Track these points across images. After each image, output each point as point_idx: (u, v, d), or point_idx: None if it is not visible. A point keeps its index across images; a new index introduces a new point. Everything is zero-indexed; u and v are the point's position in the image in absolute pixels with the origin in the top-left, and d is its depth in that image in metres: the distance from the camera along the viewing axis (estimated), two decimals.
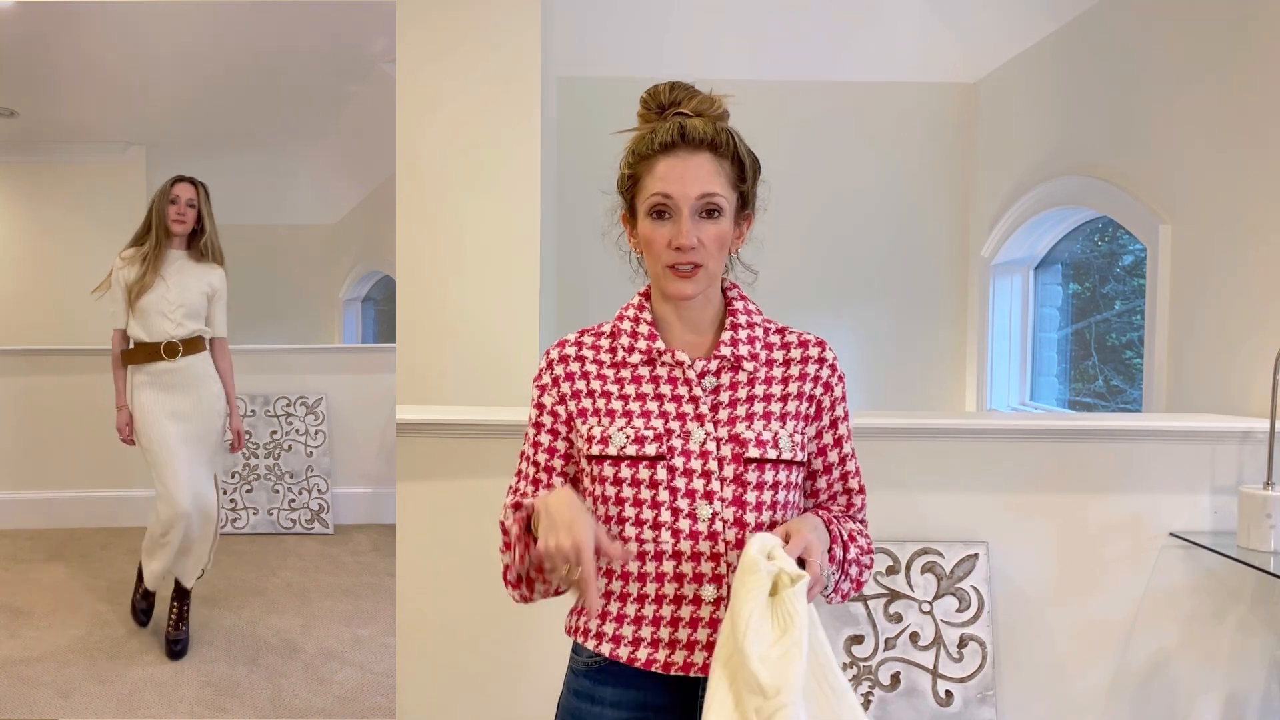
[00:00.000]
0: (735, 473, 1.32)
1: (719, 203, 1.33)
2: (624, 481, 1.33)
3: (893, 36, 4.43)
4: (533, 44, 3.10)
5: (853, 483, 1.44)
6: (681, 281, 1.34)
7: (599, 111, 4.70)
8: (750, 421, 1.34)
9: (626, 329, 1.40)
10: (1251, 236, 2.69)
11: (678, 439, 1.33)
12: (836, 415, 1.41)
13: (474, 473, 2.32)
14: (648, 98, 1.39)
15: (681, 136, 1.33)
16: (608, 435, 1.34)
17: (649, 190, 1.34)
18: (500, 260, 3.14)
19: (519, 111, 3.12)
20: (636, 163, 1.36)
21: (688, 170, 1.32)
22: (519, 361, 3.12)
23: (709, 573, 1.31)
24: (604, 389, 1.38)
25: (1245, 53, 2.74)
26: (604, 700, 1.36)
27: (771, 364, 1.39)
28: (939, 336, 4.93)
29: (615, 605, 1.35)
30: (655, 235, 1.34)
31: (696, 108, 1.36)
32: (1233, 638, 2.39)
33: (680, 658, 1.32)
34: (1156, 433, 2.39)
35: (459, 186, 3.13)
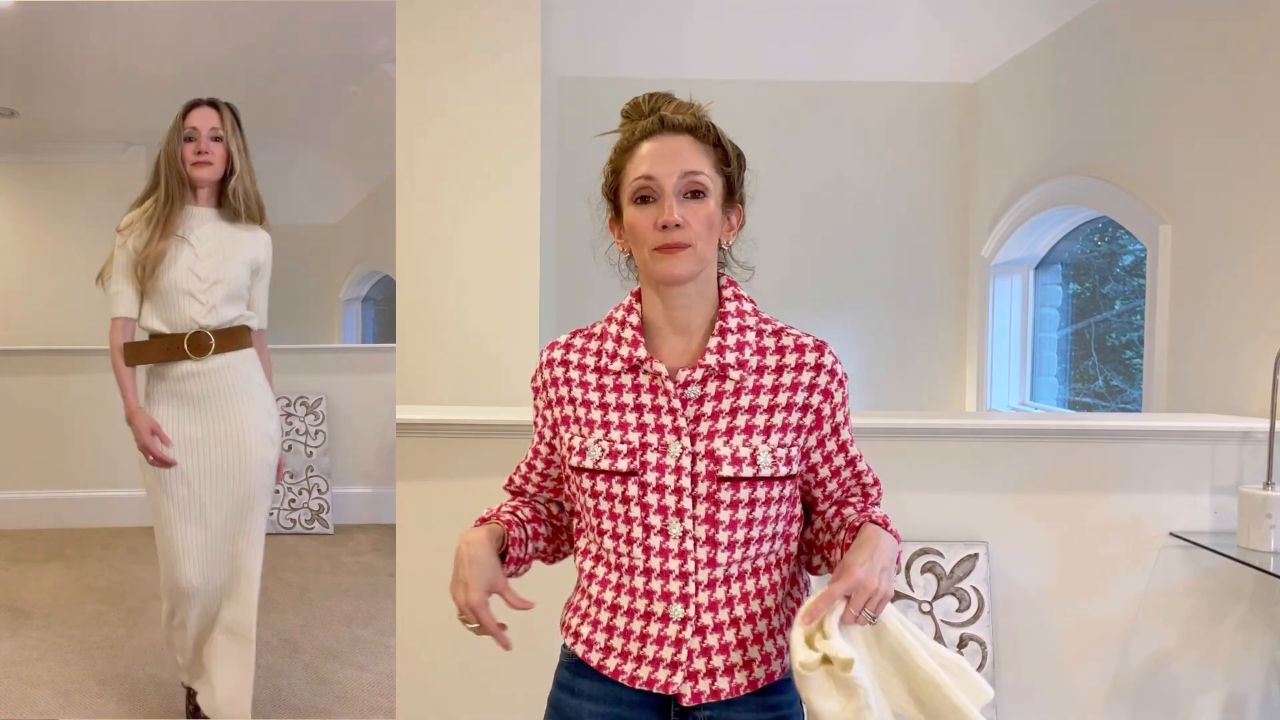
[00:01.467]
0: (708, 490, 1.29)
1: (703, 182, 1.30)
2: (600, 495, 1.32)
3: (892, 36, 4.43)
4: (533, 44, 3.10)
5: (867, 477, 1.41)
6: (669, 259, 1.28)
7: (599, 112, 4.67)
8: (730, 436, 1.30)
9: (612, 332, 1.37)
10: (1251, 236, 2.69)
11: (654, 453, 1.30)
12: (838, 421, 1.36)
13: (474, 473, 2.32)
14: (629, 108, 1.38)
15: (661, 123, 1.32)
16: (585, 447, 1.33)
17: (631, 176, 1.31)
18: (500, 260, 3.14)
19: (519, 111, 3.12)
20: (618, 157, 1.35)
21: (668, 150, 1.30)
22: (518, 361, 3.12)
23: (677, 591, 1.29)
24: (585, 397, 1.36)
25: (1245, 52, 2.74)
26: (581, 693, 1.36)
27: (762, 371, 1.33)
28: (939, 336, 4.93)
29: (593, 609, 1.35)
30: (641, 219, 1.30)
31: (675, 110, 1.35)
32: (1233, 638, 2.39)
33: (645, 673, 1.31)
34: (1156, 433, 2.39)
35: (459, 187, 3.13)
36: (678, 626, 1.30)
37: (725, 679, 1.30)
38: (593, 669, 1.35)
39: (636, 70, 4.40)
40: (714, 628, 1.30)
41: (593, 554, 1.38)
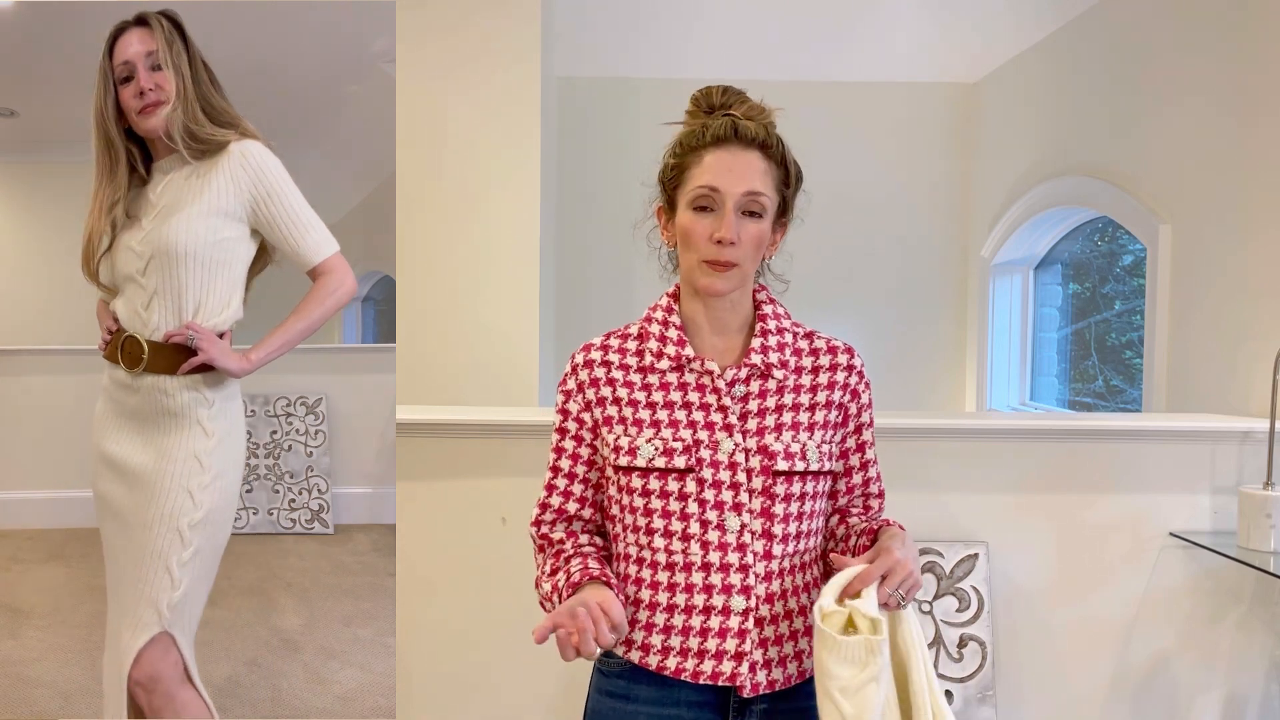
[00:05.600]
0: (764, 484, 1.32)
1: (763, 202, 1.33)
2: (653, 493, 1.33)
3: (893, 36, 4.43)
4: (533, 44, 3.10)
5: (873, 488, 1.45)
6: (715, 276, 1.32)
7: (599, 111, 4.70)
8: (779, 432, 1.34)
9: (655, 332, 1.39)
10: (1251, 236, 2.69)
11: (706, 450, 1.32)
12: (862, 421, 1.43)
13: (474, 473, 2.32)
14: (699, 97, 1.38)
15: (734, 132, 1.32)
16: (635, 446, 1.33)
17: (695, 181, 1.32)
18: (500, 260, 3.14)
19: (519, 111, 3.12)
20: (684, 154, 1.35)
21: (737, 164, 1.31)
22: (519, 361, 3.12)
23: (738, 584, 1.31)
24: (631, 397, 1.36)
25: (1245, 52, 2.74)
26: (639, 698, 1.35)
27: (800, 371, 1.39)
28: (939, 336, 4.93)
29: (645, 614, 1.34)
30: (696, 227, 1.32)
31: (747, 113, 1.36)
32: (1232, 638, 2.39)
33: (709, 667, 1.31)
34: (1156, 433, 2.39)
35: (459, 186, 3.13)
36: (739, 618, 1.31)
37: (780, 670, 1.33)
38: (650, 673, 1.34)
39: (636, 70, 4.40)
40: (770, 619, 1.33)
41: (634, 557, 1.36)
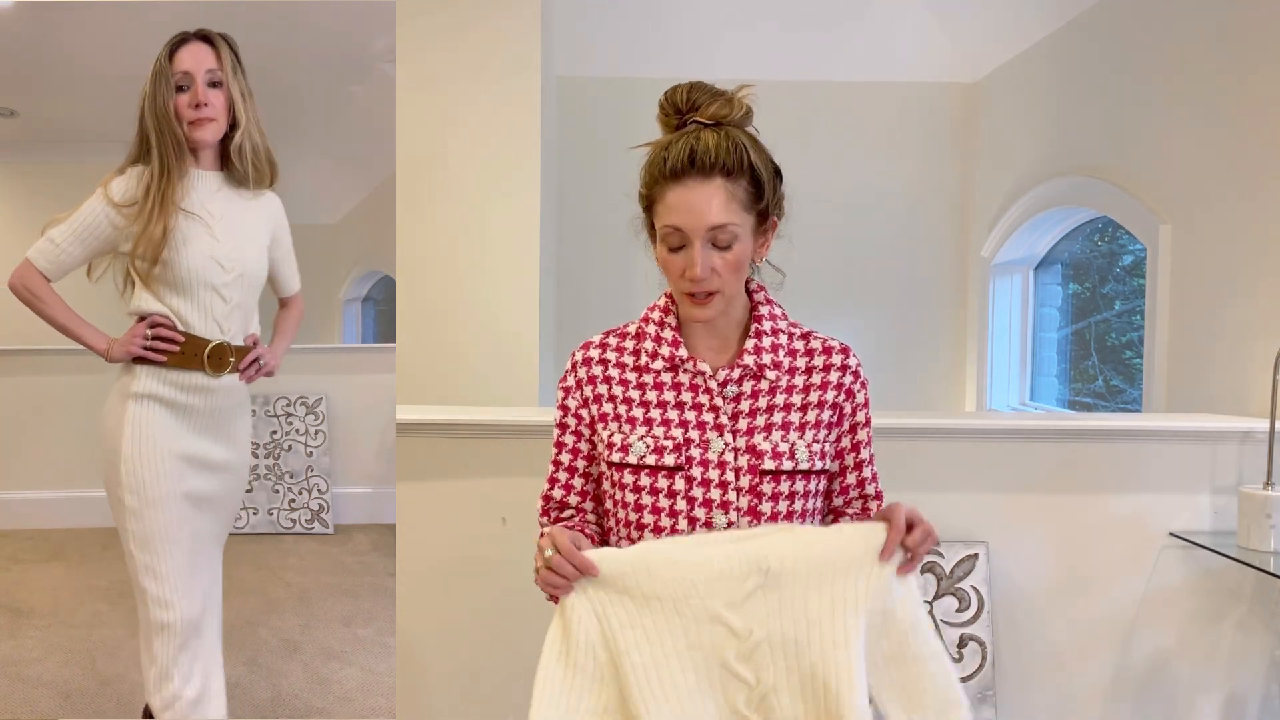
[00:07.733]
0: (751, 483, 1.34)
1: (733, 231, 1.31)
2: (643, 489, 1.35)
3: (893, 36, 4.43)
4: (533, 44, 3.10)
5: (870, 488, 1.46)
6: (697, 308, 1.35)
7: (599, 111, 4.70)
8: (769, 432, 1.36)
9: (651, 332, 1.41)
10: (1251, 236, 2.69)
11: (697, 449, 1.34)
12: (857, 421, 1.44)
13: (474, 473, 2.32)
14: (665, 102, 1.37)
15: (691, 163, 1.29)
16: (628, 444, 1.36)
17: (661, 219, 1.33)
18: (500, 260, 3.15)
19: (519, 111, 3.12)
20: (651, 184, 1.35)
21: (697, 201, 1.29)
22: (519, 361, 3.13)
23: None
24: (625, 395, 1.39)
25: (1245, 53, 2.73)
26: None
27: (794, 372, 1.40)
28: (939, 336, 4.93)
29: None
30: (670, 264, 1.34)
31: (716, 113, 1.33)
32: (1232, 638, 2.39)
33: None
34: (1156, 433, 2.39)
35: (459, 186, 3.13)
36: None
37: None
38: None
39: (636, 70, 4.40)
40: None
41: None
